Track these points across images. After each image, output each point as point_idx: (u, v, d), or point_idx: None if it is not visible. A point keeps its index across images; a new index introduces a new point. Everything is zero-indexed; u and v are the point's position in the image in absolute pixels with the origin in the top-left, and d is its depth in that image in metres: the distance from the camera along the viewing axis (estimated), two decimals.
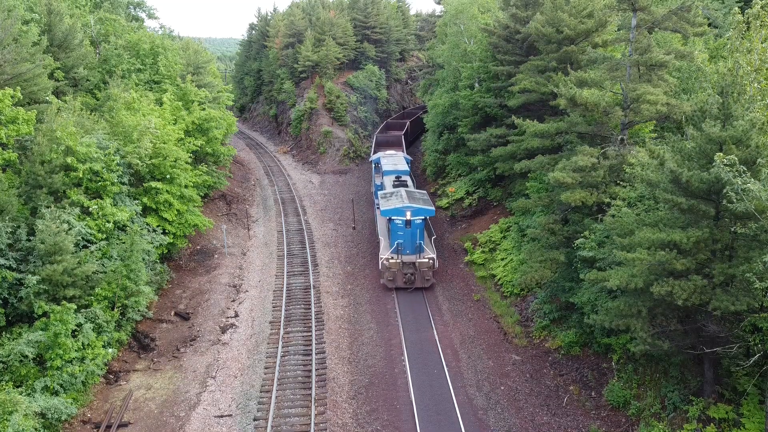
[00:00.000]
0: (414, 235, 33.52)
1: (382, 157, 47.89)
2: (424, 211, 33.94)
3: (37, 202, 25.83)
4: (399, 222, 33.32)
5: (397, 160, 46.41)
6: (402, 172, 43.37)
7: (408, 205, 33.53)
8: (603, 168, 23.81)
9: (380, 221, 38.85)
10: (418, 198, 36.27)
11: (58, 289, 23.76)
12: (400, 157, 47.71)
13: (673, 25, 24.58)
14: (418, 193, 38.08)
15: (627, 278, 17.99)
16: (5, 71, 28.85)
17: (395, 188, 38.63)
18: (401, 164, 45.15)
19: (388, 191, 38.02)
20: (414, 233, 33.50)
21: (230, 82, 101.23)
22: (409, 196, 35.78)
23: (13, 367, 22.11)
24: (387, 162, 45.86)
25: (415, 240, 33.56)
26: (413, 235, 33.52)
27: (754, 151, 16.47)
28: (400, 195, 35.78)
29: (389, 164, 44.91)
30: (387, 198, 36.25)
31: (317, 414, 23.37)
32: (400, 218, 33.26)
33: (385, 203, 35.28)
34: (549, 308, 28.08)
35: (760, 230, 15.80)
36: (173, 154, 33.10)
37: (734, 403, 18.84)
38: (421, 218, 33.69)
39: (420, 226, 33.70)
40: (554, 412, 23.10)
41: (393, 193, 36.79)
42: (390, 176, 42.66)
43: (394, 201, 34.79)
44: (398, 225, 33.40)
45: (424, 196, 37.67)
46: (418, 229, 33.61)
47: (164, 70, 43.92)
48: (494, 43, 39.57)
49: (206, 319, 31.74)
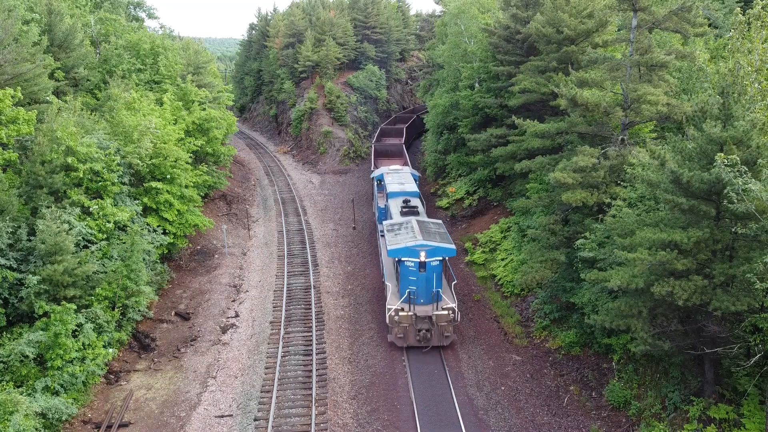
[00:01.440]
0: (430, 281, 27.26)
1: (386, 174, 41.67)
2: (442, 251, 27.29)
3: (38, 202, 25.82)
4: (411, 265, 27.13)
5: (404, 178, 40.63)
6: (410, 194, 37.07)
7: (422, 243, 27.03)
8: (603, 168, 23.82)
9: (386, 261, 31.64)
10: (434, 232, 29.37)
11: (59, 289, 23.77)
12: (406, 174, 41.74)
13: (674, 26, 24.58)
14: (433, 224, 31.07)
15: (628, 278, 18.00)
16: (6, 71, 28.85)
17: (404, 216, 32.54)
18: (409, 183, 39.28)
19: (395, 222, 31.27)
20: (430, 279, 27.24)
21: (230, 82, 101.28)
22: (422, 229, 29.03)
23: (14, 367, 22.11)
24: (392, 180, 39.80)
25: (432, 287, 27.34)
26: (429, 282, 27.26)
27: (754, 152, 16.48)
28: (411, 228, 29.23)
29: (394, 183, 39.02)
30: (394, 231, 29.68)
31: (318, 414, 23.38)
32: (413, 260, 27.07)
33: (392, 238, 28.62)
34: (549, 308, 28.10)
35: (760, 230, 15.81)
36: (173, 154, 33.11)
37: (735, 403, 18.85)
38: (438, 259, 27.35)
39: (437, 270, 27.40)
40: (555, 412, 23.11)
41: (402, 225, 30.22)
42: (396, 199, 36.37)
43: (404, 236, 28.36)
44: (410, 268, 27.21)
45: (440, 228, 30.67)
46: (435, 274, 27.36)
47: (164, 70, 43.92)
48: (494, 43, 39.58)
49: (207, 319, 31.75)
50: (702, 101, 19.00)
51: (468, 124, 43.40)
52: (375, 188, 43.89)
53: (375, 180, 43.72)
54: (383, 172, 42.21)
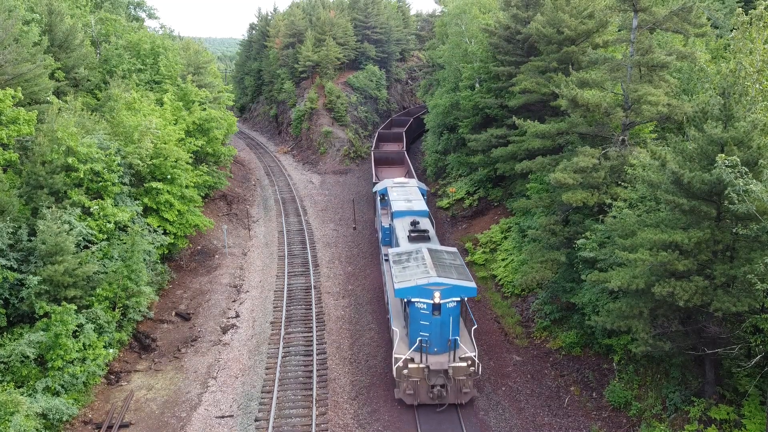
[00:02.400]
0: (445, 326, 22.76)
1: (391, 188, 37.18)
2: (460, 290, 22.72)
3: (38, 202, 25.82)
4: (422, 307, 22.65)
5: (411, 193, 36.09)
6: (419, 214, 32.39)
7: (436, 282, 22.47)
8: (604, 169, 23.82)
9: (392, 301, 26.54)
10: (449, 265, 24.57)
11: (59, 289, 23.77)
12: (413, 189, 37.02)
13: (674, 26, 24.57)
14: (447, 253, 26.16)
15: (628, 279, 18.00)
16: (6, 71, 28.84)
17: (412, 242, 28.16)
18: (417, 200, 34.64)
19: (403, 251, 26.50)
20: (445, 323, 22.73)
21: (230, 82, 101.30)
22: (435, 261, 24.35)
23: (15, 367, 22.12)
24: (397, 196, 35.21)
25: (447, 334, 22.84)
26: (444, 327, 22.79)
27: (755, 153, 16.48)
28: (422, 260, 24.63)
29: (400, 200, 34.45)
30: (402, 264, 24.95)
31: (318, 415, 23.38)
32: (425, 302, 22.56)
33: (400, 273, 24.01)
34: (550, 309, 28.10)
35: (761, 231, 15.82)
36: (174, 155, 33.10)
37: (735, 404, 18.86)
38: (455, 300, 22.77)
39: (454, 312, 22.93)
40: (555, 412, 23.12)
41: (410, 256, 25.57)
42: (403, 220, 31.81)
43: (414, 271, 23.78)
44: (421, 311, 22.71)
45: (456, 258, 25.78)
46: (452, 317, 22.80)
47: (165, 70, 43.92)
48: (495, 43, 39.58)
49: (207, 320, 31.75)
50: (703, 102, 19.02)
51: (468, 125, 43.41)
52: (378, 204, 38.98)
53: (378, 195, 39.01)
54: (387, 186, 37.77)
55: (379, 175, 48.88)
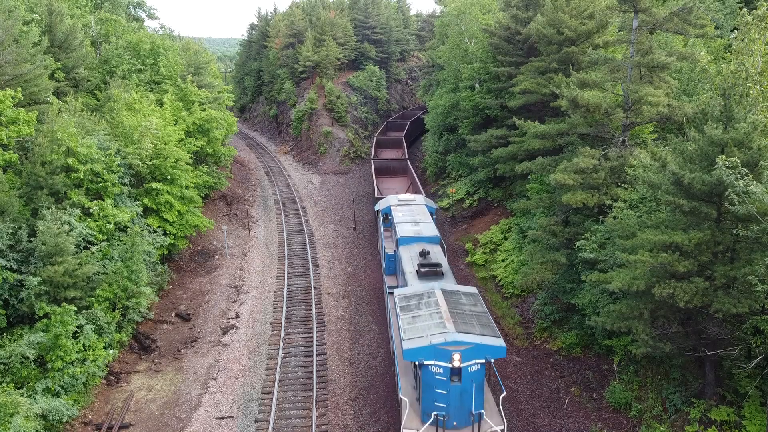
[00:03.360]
0: (467, 395, 18.34)
1: (395, 208, 32.82)
2: (485, 350, 18.20)
3: (38, 203, 25.80)
4: (439, 372, 18.17)
5: (418, 214, 31.56)
6: (429, 240, 28.11)
7: (455, 339, 17.99)
8: (604, 169, 23.81)
9: (400, 363, 21.68)
10: (469, 312, 19.97)
11: (59, 290, 23.76)
12: (420, 208, 32.54)
13: (675, 27, 24.55)
14: (465, 296, 21.44)
15: (629, 280, 17.99)
16: (6, 72, 28.82)
17: (422, 280, 23.76)
18: (425, 223, 30.14)
19: (411, 293, 21.79)
20: (467, 392, 18.33)
21: (230, 82, 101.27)
22: (452, 310, 19.76)
23: (14, 368, 22.10)
24: (403, 218, 30.85)
25: (469, 405, 18.42)
26: (466, 396, 18.34)
27: (756, 154, 16.47)
28: (436, 306, 20.07)
29: (406, 223, 30.03)
30: (411, 311, 20.37)
31: (318, 416, 23.37)
32: (442, 365, 18.07)
33: (408, 326, 19.37)
34: (550, 309, 28.08)
35: (761, 232, 15.80)
36: (174, 155, 33.09)
37: (736, 405, 18.84)
38: (479, 363, 18.26)
39: (478, 378, 18.41)
40: (555, 413, 23.10)
41: (421, 300, 20.82)
42: (409, 248, 27.37)
43: (427, 322, 19.18)
44: (437, 377, 18.23)
45: (477, 303, 21.00)
46: (475, 384, 18.35)
47: (165, 70, 43.90)
48: (495, 44, 39.57)
49: (207, 320, 31.74)
50: (703, 103, 19.02)
51: (468, 125, 43.41)
52: (380, 224, 34.41)
53: (381, 214, 34.36)
54: (391, 205, 33.36)
55: (380, 186, 45.68)
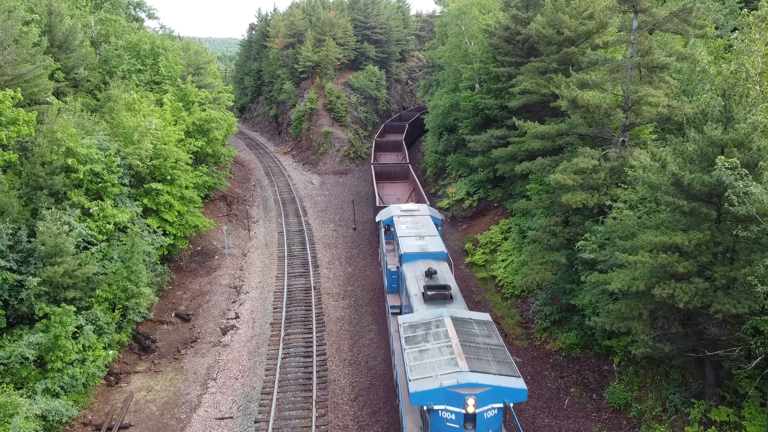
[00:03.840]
0: None
1: (397, 219, 30.36)
2: (503, 393, 15.97)
3: (38, 203, 25.81)
4: (450, 418, 15.97)
5: (422, 226, 29.10)
6: (435, 257, 25.70)
7: (469, 381, 15.79)
8: (604, 170, 23.80)
9: (405, 401, 19.02)
10: (484, 346, 17.79)
11: (59, 290, 23.75)
12: (425, 220, 30.11)
13: (675, 27, 24.55)
14: (479, 323, 19.21)
15: (629, 281, 17.98)
16: (6, 72, 28.82)
17: (429, 304, 21.37)
18: (430, 236, 27.73)
19: (416, 321, 19.53)
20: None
21: (230, 82, 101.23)
22: (464, 342, 17.64)
23: (14, 369, 22.10)
24: (406, 231, 28.42)
25: None
26: None
27: (755, 154, 16.47)
28: (445, 338, 17.89)
29: (410, 237, 27.59)
30: (417, 343, 18.12)
31: (318, 416, 23.37)
32: (453, 410, 15.90)
33: (415, 363, 17.18)
34: (550, 310, 28.07)
35: (761, 233, 15.80)
36: (174, 155, 33.09)
37: (735, 405, 18.84)
38: (497, 407, 16.10)
39: (495, 424, 16.31)
40: (555, 414, 23.09)
41: (428, 331, 18.58)
42: (414, 265, 25.01)
43: (436, 359, 17.04)
44: (449, 424, 16.02)
45: (492, 333, 18.77)
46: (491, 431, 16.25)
47: (164, 70, 43.89)
48: (495, 44, 39.57)
49: (207, 321, 31.73)
50: (703, 103, 19.01)
51: (468, 125, 43.41)
52: (382, 235, 32.08)
53: (382, 225, 31.99)
54: (393, 216, 30.93)
55: (381, 192, 43.66)
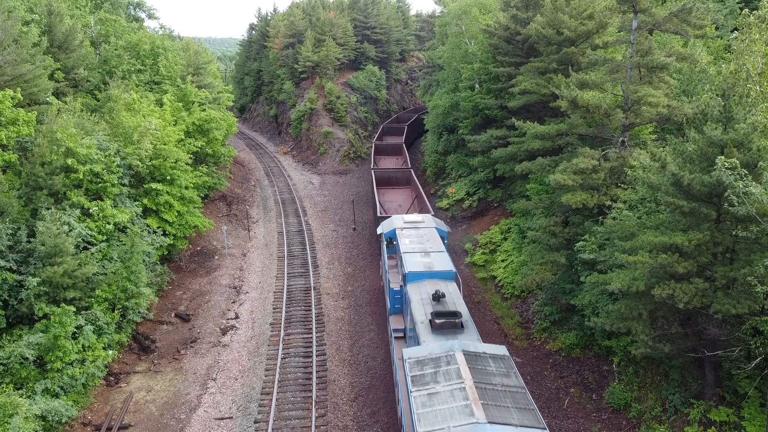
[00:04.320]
0: None
1: (400, 232, 28.00)
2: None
3: (38, 203, 25.80)
4: None
5: (427, 240, 26.87)
6: (443, 277, 23.60)
7: None
8: (604, 170, 23.79)
9: None
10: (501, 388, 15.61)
11: (59, 290, 23.74)
12: (430, 233, 27.75)
13: (674, 27, 24.56)
14: (494, 359, 17.17)
15: (628, 281, 17.98)
16: (5, 72, 28.82)
17: (437, 334, 19.14)
18: (437, 252, 25.56)
19: (423, 356, 17.34)
20: None
21: (230, 82, 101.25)
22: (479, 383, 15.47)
23: (14, 369, 22.09)
24: (410, 246, 26.17)
25: None
26: None
27: (755, 155, 16.47)
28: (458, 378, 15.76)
29: (415, 253, 25.39)
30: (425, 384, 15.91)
31: (318, 416, 23.36)
32: None
33: (422, 409, 15.11)
34: (550, 310, 28.07)
35: (761, 233, 15.80)
36: (173, 155, 33.09)
37: (735, 405, 18.84)
38: None
39: None
40: (555, 414, 23.08)
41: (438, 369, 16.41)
42: (419, 286, 22.88)
43: (447, 404, 14.95)
44: None
45: (510, 371, 16.61)
46: None
47: (164, 70, 43.88)
48: (495, 44, 39.57)
49: (206, 321, 31.72)
50: (703, 103, 19.01)
51: (468, 125, 43.40)
52: (383, 248, 29.82)
53: (384, 237, 29.60)
54: (396, 228, 28.62)
55: (382, 199, 42.08)
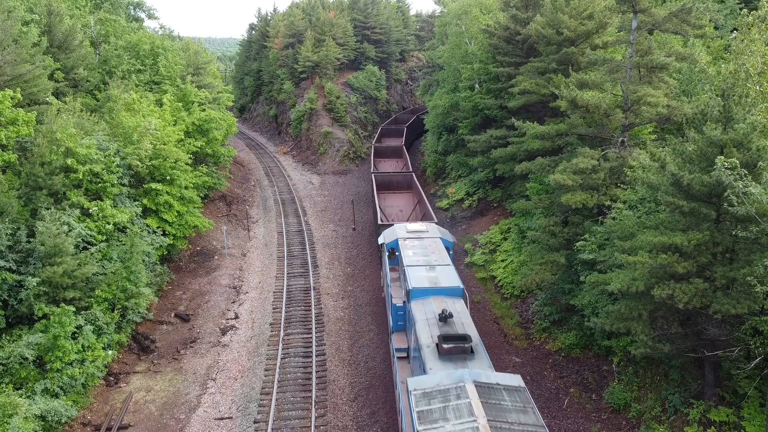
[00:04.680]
0: None
1: (403, 242, 26.28)
2: None
3: (37, 203, 25.80)
4: None
5: (432, 252, 25.05)
6: (449, 293, 21.65)
7: None
8: (603, 170, 23.79)
9: None
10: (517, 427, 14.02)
11: (58, 290, 23.74)
12: (434, 244, 25.93)
13: (674, 27, 24.56)
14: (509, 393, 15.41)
15: (628, 281, 17.97)
16: (5, 72, 28.82)
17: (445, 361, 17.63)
18: (442, 266, 23.62)
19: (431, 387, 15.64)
20: None
21: (230, 82, 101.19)
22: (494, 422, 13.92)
23: (13, 369, 22.09)
24: (414, 258, 24.38)
25: None
26: None
27: (755, 154, 16.47)
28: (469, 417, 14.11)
29: (419, 266, 23.54)
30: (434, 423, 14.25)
31: (317, 417, 23.36)
32: None
33: None
34: (549, 310, 28.07)
35: (761, 233, 15.78)
36: (173, 155, 33.08)
37: (735, 406, 18.83)
38: None
39: None
40: (555, 414, 23.08)
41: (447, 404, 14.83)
42: (424, 303, 21.12)
43: None
44: None
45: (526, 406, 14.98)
46: None
47: (164, 70, 43.88)
48: (494, 44, 39.57)
49: (206, 321, 31.72)
50: (702, 103, 19.00)
51: (468, 125, 43.41)
52: (385, 260, 27.84)
53: (386, 248, 27.72)
54: (398, 238, 26.78)
55: (383, 204, 40.77)
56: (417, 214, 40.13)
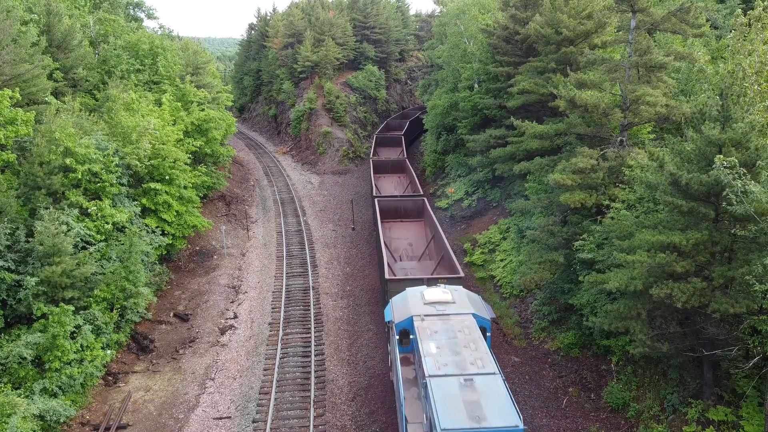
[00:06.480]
0: None
1: (420, 322, 19.05)
2: None
3: (36, 203, 25.79)
4: None
5: (466, 346, 18.05)
6: None
7: None
8: (602, 170, 23.80)
9: None
10: None
11: (57, 290, 23.73)
12: (467, 327, 19.08)
13: (673, 27, 24.58)
14: None
15: (626, 280, 17.98)
16: (4, 72, 28.82)
17: None
18: (486, 379, 16.44)
19: None
20: None
21: (229, 82, 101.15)
22: None
23: (12, 369, 22.08)
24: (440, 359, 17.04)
25: None
26: None
27: (753, 154, 16.46)
28: None
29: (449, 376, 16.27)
30: None
31: (316, 416, 23.35)
32: None
33: None
34: (548, 309, 28.07)
35: (759, 233, 15.79)
36: (172, 155, 33.07)
37: (734, 405, 18.82)
38: None
39: None
40: (553, 414, 23.07)
41: None
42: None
43: None
44: None
45: None
46: None
47: (163, 70, 43.86)
48: (494, 44, 39.58)
49: (205, 321, 31.71)
50: (701, 103, 19.00)
51: (467, 125, 43.42)
52: (395, 344, 20.12)
53: (395, 329, 20.05)
54: (413, 315, 19.55)
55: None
56: (431, 253, 32.09)
